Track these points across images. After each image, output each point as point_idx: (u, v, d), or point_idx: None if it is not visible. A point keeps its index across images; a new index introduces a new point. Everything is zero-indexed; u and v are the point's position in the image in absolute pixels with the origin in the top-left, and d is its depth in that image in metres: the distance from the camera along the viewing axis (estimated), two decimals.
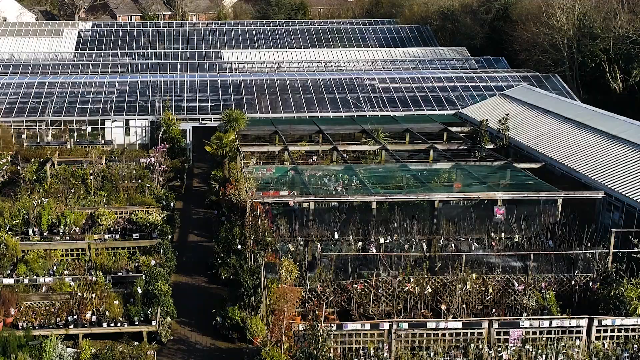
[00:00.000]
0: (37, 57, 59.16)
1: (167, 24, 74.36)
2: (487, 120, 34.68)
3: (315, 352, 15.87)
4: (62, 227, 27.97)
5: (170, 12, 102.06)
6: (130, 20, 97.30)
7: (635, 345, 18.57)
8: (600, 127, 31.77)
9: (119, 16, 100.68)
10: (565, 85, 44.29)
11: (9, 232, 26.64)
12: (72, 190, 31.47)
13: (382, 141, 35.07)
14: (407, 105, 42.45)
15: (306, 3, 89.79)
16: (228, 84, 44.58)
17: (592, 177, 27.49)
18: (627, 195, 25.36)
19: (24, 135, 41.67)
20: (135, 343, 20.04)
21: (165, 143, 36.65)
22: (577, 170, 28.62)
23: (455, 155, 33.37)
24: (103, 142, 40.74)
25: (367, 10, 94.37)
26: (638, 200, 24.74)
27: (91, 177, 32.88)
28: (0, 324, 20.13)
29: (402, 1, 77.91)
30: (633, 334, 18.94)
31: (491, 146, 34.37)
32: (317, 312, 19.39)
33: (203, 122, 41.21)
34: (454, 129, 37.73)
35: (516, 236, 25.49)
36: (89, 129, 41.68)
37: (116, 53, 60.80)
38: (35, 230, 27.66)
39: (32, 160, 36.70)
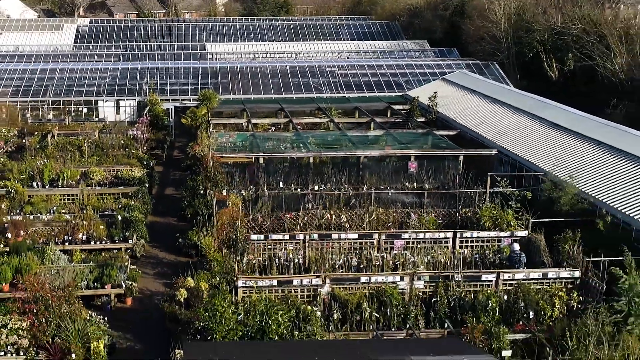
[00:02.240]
0: (39, 49, 65.57)
1: (159, 21, 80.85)
2: (418, 97, 41.05)
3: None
4: (60, 181, 34.21)
5: (164, 11, 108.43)
6: (127, 18, 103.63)
7: (487, 251, 24.92)
8: (509, 102, 38.14)
9: (116, 14, 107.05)
10: (501, 72, 50.67)
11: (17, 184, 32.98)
12: (69, 155, 37.80)
13: (333, 116, 41.40)
14: (360, 89, 48.86)
15: (290, 1, 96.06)
16: (207, 70, 50.99)
17: (491, 139, 33.89)
18: (512, 151, 31.75)
19: (28, 115, 48.05)
20: (115, 251, 26.38)
21: (148, 116, 42.97)
22: (481, 134, 35.03)
23: (392, 126, 39.70)
24: (97, 119, 47.13)
25: (349, 8, 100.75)
26: (519, 154, 31.13)
27: (85, 144, 39.19)
28: (12, 240, 26.43)
29: None
30: (487, 243, 25.26)
31: (422, 119, 40.68)
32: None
33: (183, 102, 47.59)
34: (396, 107, 44.04)
35: (426, 185, 31.76)
36: (84, 109, 48.09)
37: (111, 46, 67.25)
38: (39, 183, 33.91)
39: (36, 133, 43.03)
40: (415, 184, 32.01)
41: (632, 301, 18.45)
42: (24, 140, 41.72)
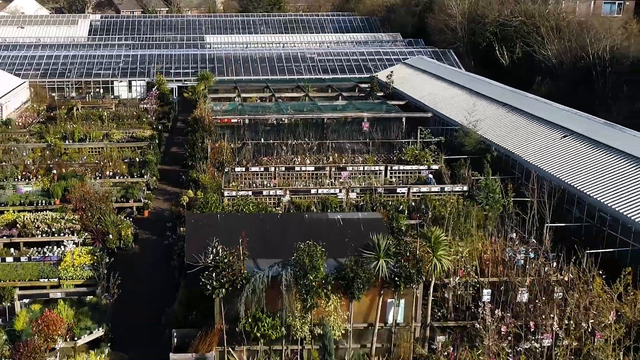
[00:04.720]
0: (58, 41, 74.47)
1: (163, 16, 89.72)
2: (377, 75, 49.93)
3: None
4: (87, 140, 43.15)
5: (167, 8, 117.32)
6: (132, 14, 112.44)
7: (409, 178, 33.82)
8: (450, 79, 47.03)
9: (123, 11, 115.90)
10: (455, 57, 59.55)
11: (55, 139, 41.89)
12: (92, 122, 46.71)
13: (309, 92, 50.24)
14: (335, 72, 57.80)
15: None
16: (205, 57, 59.89)
17: (430, 106, 42.81)
18: (442, 113, 40.69)
19: (54, 93, 56.97)
20: (134, 181, 35.34)
21: (157, 91, 51.90)
22: (424, 103, 43.95)
23: (356, 99, 48.54)
24: (112, 96, 56.08)
25: (337, 6, 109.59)
26: (445, 114, 40.07)
27: (105, 114, 48.11)
28: (57, 174, 35.31)
29: None
30: (410, 174, 34.12)
31: (381, 94, 49.56)
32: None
33: (185, 82, 56.51)
34: (363, 85, 52.89)
35: (376, 141, 40.62)
36: (101, 88, 57.04)
37: (121, 37, 76.21)
38: (70, 141, 42.83)
39: (62, 107, 51.91)
40: (367, 138, 40.91)
41: (488, 196, 27.33)
42: (52, 113, 50.62)
